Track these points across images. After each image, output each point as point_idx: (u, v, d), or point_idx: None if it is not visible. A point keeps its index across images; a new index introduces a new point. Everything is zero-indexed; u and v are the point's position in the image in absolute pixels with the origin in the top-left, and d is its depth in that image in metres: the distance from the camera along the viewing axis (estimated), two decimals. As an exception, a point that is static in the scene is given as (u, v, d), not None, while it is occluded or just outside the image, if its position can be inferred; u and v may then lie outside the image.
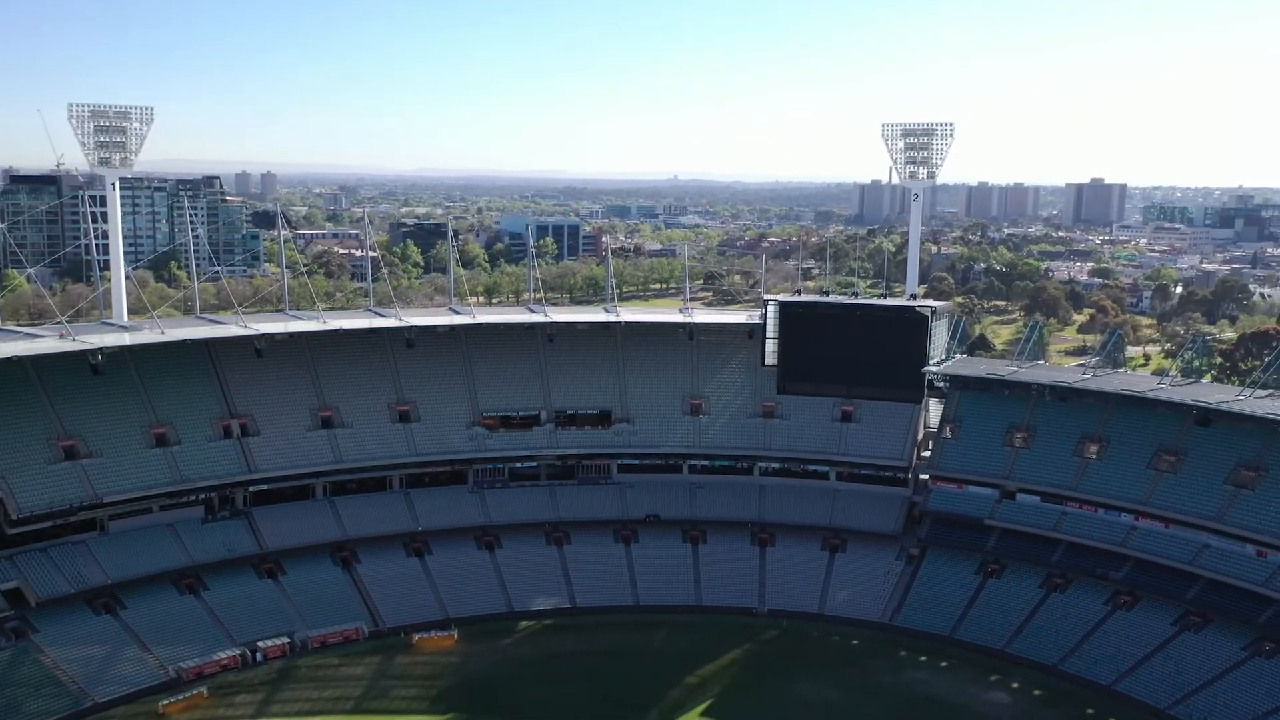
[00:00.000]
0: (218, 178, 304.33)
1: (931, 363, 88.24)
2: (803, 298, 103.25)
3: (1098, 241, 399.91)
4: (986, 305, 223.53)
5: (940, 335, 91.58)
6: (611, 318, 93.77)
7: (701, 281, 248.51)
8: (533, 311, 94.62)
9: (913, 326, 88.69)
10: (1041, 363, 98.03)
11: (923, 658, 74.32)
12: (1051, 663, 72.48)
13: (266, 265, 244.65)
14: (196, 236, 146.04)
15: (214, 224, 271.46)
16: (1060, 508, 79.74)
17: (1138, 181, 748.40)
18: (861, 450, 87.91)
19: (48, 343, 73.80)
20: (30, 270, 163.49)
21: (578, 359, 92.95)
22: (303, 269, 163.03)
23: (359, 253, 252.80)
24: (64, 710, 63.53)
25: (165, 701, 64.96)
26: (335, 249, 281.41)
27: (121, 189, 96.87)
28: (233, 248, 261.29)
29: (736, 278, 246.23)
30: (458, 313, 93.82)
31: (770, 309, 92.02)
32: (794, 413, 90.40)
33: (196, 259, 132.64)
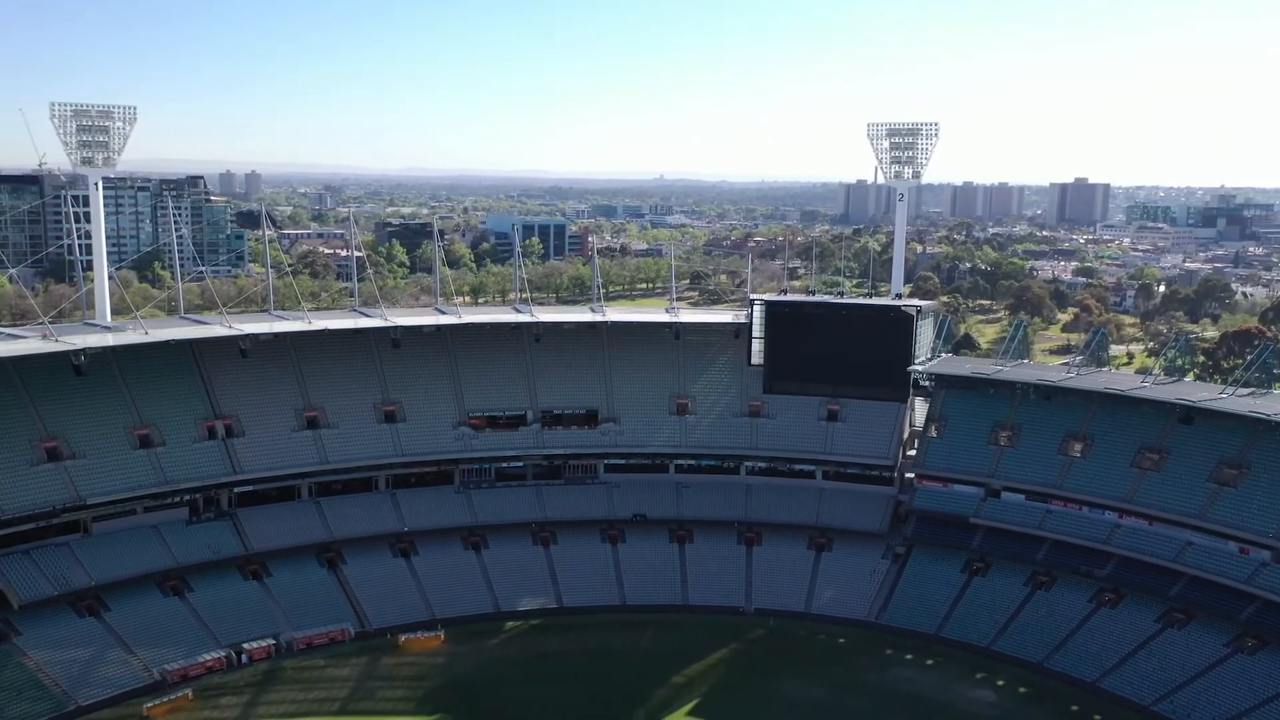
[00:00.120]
0: (202, 177, 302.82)
1: (917, 362, 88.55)
2: (788, 297, 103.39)
3: (1082, 241, 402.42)
4: (971, 304, 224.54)
5: (925, 334, 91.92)
6: (598, 317, 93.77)
7: (688, 281, 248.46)
8: (519, 311, 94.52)
9: (898, 326, 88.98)
10: (1026, 362, 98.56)
11: (908, 656, 74.56)
12: (1036, 660, 72.84)
13: (251, 265, 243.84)
14: (180, 236, 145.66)
15: (198, 224, 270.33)
16: (1045, 506, 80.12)
17: (1121, 181, 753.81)
18: (847, 449, 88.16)
19: (30, 343, 73.31)
20: (12, 270, 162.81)
21: (564, 359, 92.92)
22: (288, 269, 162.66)
23: (344, 253, 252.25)
24: (47, 713, 63.10)
25: (150, 704, 64.65)
26: (320, 249, 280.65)
27: (104, 189, 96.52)
28: (217, 248, 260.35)
29: (722, 277, 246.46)
30: (443, 313, 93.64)
31: (756, 309, 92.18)
32: (780, 412, 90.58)
33: (180, 259, 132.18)
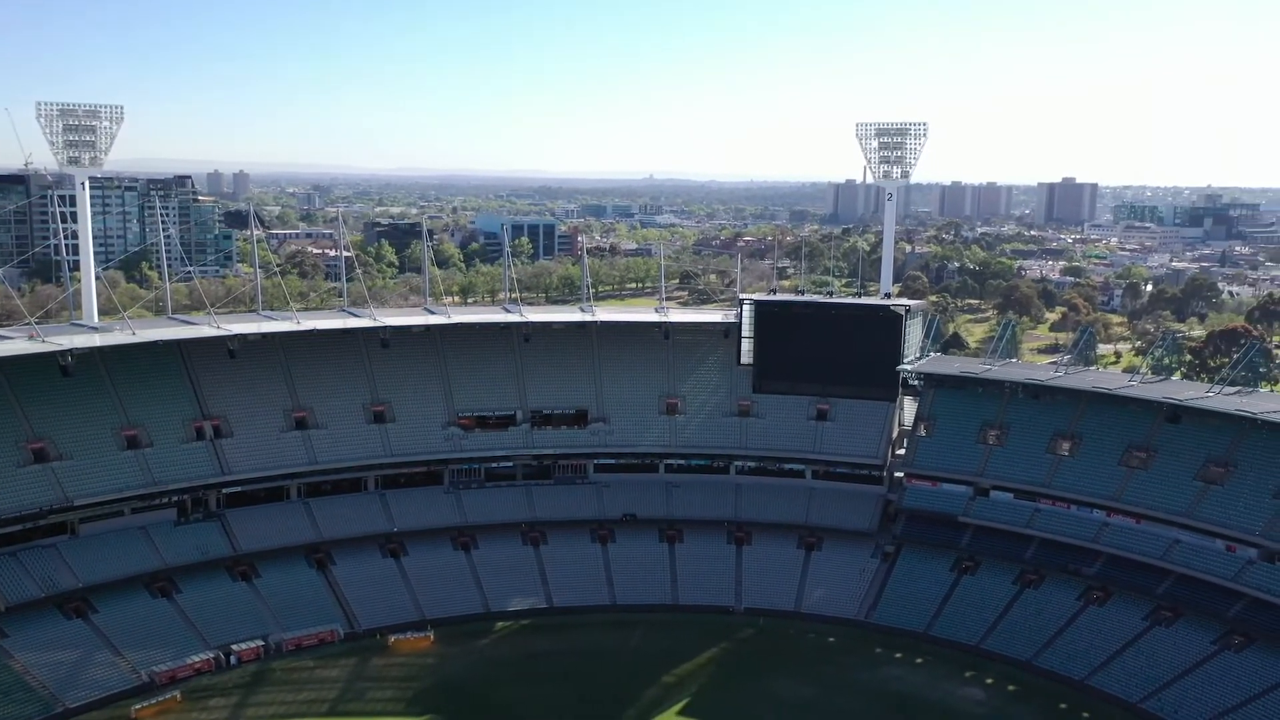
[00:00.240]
0: (189, 177, 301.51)
1: (906, 361, 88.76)
2: (778, 297, 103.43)
3: (1069, 240, 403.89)
4: (960, 304, 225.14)
5: (914, 334, 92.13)
6: (587, 317, 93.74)
7: (677, 281, 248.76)
8: (508, 311, 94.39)
9: (887, 325, 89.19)
10: (1014, 361, 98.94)
11: (898, 654, 74.71)
12: (1025, 658, 73.07)
13: (239, 265, 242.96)
14: (168, 236, 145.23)
15: (186, 224, 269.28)
16: (1033, 504, 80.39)
17: (1109, 181, 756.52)
18: (837, 448, 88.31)
19: (16, 344, 72.80)
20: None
21: (553, 359, 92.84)
22: (276, 269, 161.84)
23: (333, 252, 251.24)
24: (34, 716, 62.78)
25: (138, 706, 64.39)
26: (309, 249, 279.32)
27: (91, 188, 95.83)
28: (205, 248, 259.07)
29: (712, 277, 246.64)
30: (433, 313, 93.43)
31: (746, 308, 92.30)
32: (769, 411, 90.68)
33: (168, 259, 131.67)
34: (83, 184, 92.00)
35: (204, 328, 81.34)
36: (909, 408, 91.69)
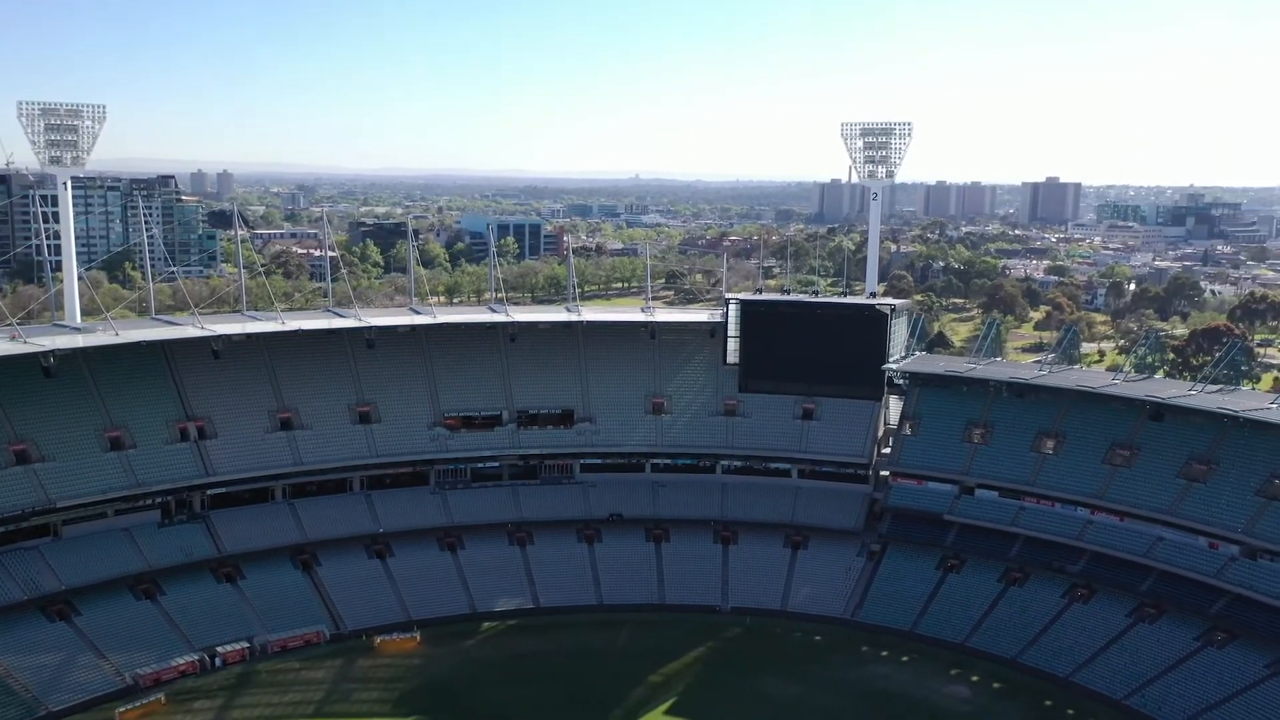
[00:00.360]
0: (173, 177, 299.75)
1: (891, 360, 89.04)
2: (764, 296, 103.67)
3: (1053, 240, 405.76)
4: (945, 303, 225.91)
5: (900, 333, 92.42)
6: (573, 317, 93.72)
7: (663, 280, 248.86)
8: (494, 311, 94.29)
9: (873, 324, 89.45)
10: (999, 359, 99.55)
11: (884, 653, 74.93)
12: (1010, 656, 73.43)
13: (223, 265, 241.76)
14: (151, 236, 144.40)
15: (169, 224, 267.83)
16: (1018, 503, 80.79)
17: (1092, 180, 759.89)
18: (823, 447, 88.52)
19: (-2, 345, 72.34)
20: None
21: (540, 359, 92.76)
22: (260, 269, 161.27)
23: (318, 253, 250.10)
24: (17, 719, 62.35)
25: (122, 709, 64.05)
26: (293, 249, 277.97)
27: (74, 188, 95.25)
28: (188, 248, 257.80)
29: (698, 277, 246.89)
30: (418, 313, 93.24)
31: (732, 308, 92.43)
32: (756, 411, 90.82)
33: (151, 259, 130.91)
34: (65, 184, 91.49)
35: (188, 328, 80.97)
36: (894, 407, 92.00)
